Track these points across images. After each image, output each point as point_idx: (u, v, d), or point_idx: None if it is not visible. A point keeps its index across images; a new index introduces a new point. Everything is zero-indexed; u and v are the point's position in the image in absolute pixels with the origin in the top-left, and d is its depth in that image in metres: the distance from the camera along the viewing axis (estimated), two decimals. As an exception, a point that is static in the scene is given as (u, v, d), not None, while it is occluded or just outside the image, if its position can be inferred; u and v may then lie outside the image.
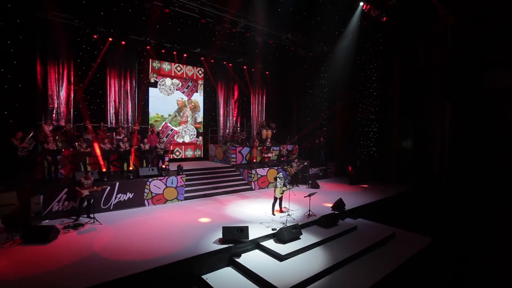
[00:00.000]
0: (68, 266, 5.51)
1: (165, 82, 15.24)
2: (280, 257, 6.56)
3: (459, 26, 13.51)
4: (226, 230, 6.78)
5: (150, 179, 9.96)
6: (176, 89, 15.58)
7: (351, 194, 12.14)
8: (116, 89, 13.38)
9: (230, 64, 16.50)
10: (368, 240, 7.84)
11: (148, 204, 9.91)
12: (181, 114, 16.30)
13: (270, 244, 7.08)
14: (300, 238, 7.47)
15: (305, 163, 13.68)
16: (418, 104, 15.42)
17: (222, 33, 12.42)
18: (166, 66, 15.30)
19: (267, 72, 18.27)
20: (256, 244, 7.13)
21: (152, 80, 15.11)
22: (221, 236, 6.85)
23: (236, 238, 6.70)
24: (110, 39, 11.97)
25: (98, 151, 9.50)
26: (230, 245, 6.61)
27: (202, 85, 16.62)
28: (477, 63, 13.73)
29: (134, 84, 13.86)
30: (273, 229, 7.58)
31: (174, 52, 14.36)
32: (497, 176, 12.38)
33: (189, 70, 16.23)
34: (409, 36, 15.30)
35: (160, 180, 10.18)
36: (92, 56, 12.54)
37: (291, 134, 17.10)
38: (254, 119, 18.51)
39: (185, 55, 14.67)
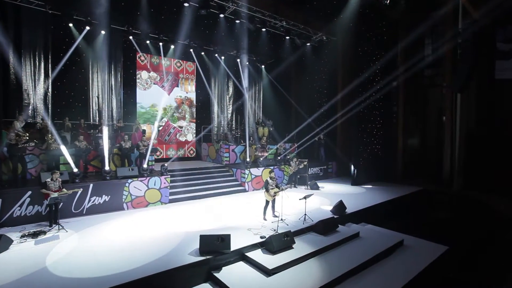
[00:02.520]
0: (6, 286, 4.55)
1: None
2: (267, 271, 5.54)
3: (470, 11, 12.38)
4: (204, 239, 5.78)
5: (129, 180, 9.01)
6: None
7: (353, 196, 11.08)
8: (99, 84, 12.47)
9: (222, 57, 15.51)
10: (373, 249, 6.78)
11: (127, 208, 8.95)
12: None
13: (257, 255, 6.07)
14: (292, 248, 6.44)
15: (305, 163, 12.66)
16: (425, 98, 14.31)
17: (209, 20, 11.42)
18: (154, 60, 14.37)
19: (262, 66, 17.26)
20: (241, 255, 6.11)
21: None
22: (200, 246, 5.86)
23: (215, 248, 5.70)
24: (88, 27, 11.03)
25: (65, 150, 8.51)
26: (208, 257, 5.61)
27: (194, 80, 15.60)
28: (490, 52, 12.60)
29: (120, 79, 12.93)
30: (261, 237, 6.57)
31: (160, 43, 13.38)
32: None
33: (177, 64, 15.32)
34: (416, 25, 14.18)
35: (141, 181, 9.23)
36: (71, 48, 11.62)
37: (289, 132, 16.05)
38: (250, 116, 17.50)
39: (172, 46, 13.70)
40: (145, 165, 9.54)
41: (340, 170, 15.58)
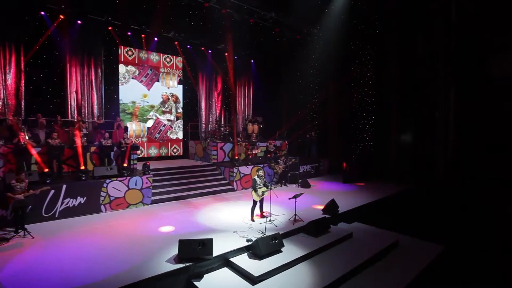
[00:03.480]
0: None
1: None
2: (252, 279, 5.05)
3: (465, 4, 12.10)
4: (183, 244, 5.24)
5: (107, 180, 8.38)
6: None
7: (345, 194, 10.68)
8: (78, 78, 11.72)
9: (210, 51, 14.90)
10: (367, 250, 6.36)
11: (106, 210, 8.33)
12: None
13: (242, 260, 5.57)
14: (281, 251, 5.96)
15: (293, 160, 12.21)
16: (418, 94, 13.98)
17: (194, 10, 10.81)
18: (136, 54, 13.67)
19: (251, 61, 16.72)
20: (225, 261, 5.60)
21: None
22: (179, 252, 5.32)
23: (196, 254, 5.17)
24: (62, 16, 10.29)
25: (31, 148, 7.84)
26: (188, 264, 5.08)
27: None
28: (484, 46, 12.33)
29: (100, 73, 12.21)
30: (247, 240, 6.07)
31: (143, 35, 12.69)
32: (509, 170, 10.99)
33: (167, 60, 14.69)
34: (408, 18, 13.85)
35: (120, 181, 8.61)
36: (44, 39, 10.88)
37: (280, 129, 15.59)
38: (239, 113, 16.97)
39: (155, 39, 13.02)
40: (125, 164, 8.90)
41: (331, 167, 15.19)
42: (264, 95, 16.97)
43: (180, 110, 15.29)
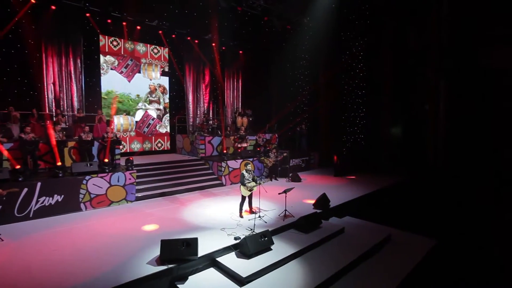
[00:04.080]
0: None
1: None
2: (240, 280, 4.75)
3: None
4: (165, 245, 4.88)
5: (87, 177, 7.89)
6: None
7: (336, 188, 10.49)
8: (56, 69, 11.04)
9: (196, 41, 14.33)
10: (359, 246, 6.16)
11: (86, 208, 7.86)
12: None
13: (230, 260, 5.26)
14: (271, 249, 5.69)
15: (285, 154, 11.92)
16: (410, 86, 13.86)
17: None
18: (122, 44, 13.01)
19: (240, 52, 16.23)
20: (212, 261, 5.29)
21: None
22: (162, 253, 4.96)
23: (179, 255, 4.82)
24: (33, 0, 9.57)
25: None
26: (171, 266, 4.73)
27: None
28: (475, 39, 12.23)
29: (80, 64, 11.54)
30: (235, 238, 5.76)
31: (124, 23, 12.01)
32: (499, 163, 11.02)
33: (154, 51, 14.09)
34: (400, 9, 13.62)
35: (101, 177, 8.13)
36: (20, 28, 10.16)
37: (270, 122, 15.25)
38: (228, 106, 16.53)
39: (138, 27, 12.36)
40: (106, 160, 8.42)
41: (322, 160, 15.00)
42: (253, 88, 16.55)
43: (167, 101, 14.75)
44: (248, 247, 5.30)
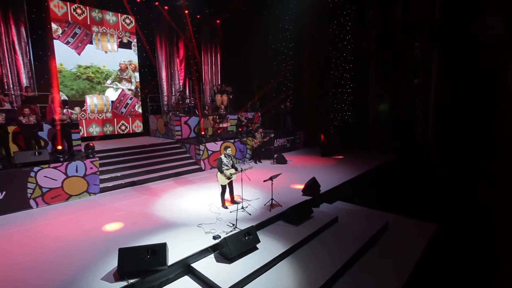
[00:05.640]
0: None
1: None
2: (221, 292, 3.89)
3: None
4: (125, 255, 3.89)
5: (35, 168, 6.62)
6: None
7: (325, 169, 9.76)
8: (-5, 39, 9.24)
9: (166, 7, 12.64)
10: (357, 238, 5.45)
11: (37, 205, 6.65)
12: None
13: (208, 265, 4.37)
14: (257, 248, 4.84)
15: (272, 135, 10.99)
16: (398, 60, 13.00)
17: None
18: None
19: (217, 21, 14.66)
20: (186, 267, 4.38)
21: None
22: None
23: (143, 267, 3.86)
24: None
25: None
26: (131, 281, 3.78)
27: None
28: (469, 9, 11.38)
29: (25, 33, 9.74)
30: (214, 237, 4.85)
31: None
32: (491, 138, 10.61)
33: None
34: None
35: (55, 168, 6.87)
36: None
37: (252, 100, 14.13)
38: (206, 83, 15.15)
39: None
40: (59, 147, 7.11)
41: (308, 140, 14.24)
42: (233, 62, 15.19)
43: (139, 80, 13.20)
44: (229, 249, 4.41)
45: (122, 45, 12.58)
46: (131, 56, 12.90)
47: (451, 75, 11.39)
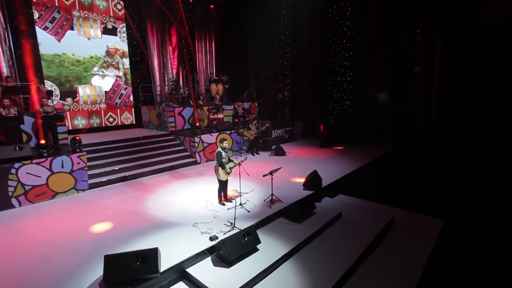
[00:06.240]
0: None
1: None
2: (219, 302, 3.53)
3: None
4: (111, 262, 3.49)
5: (16, 165, 6.12)
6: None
7: (325, 162, 9.39)
8: (-30, 25, 8.55)
9: (156, -9, 11.96)
10: (363, 235, 5.12)
11: (20, 204, 6.20)
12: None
13: (204, 270, 4.00)
14: (258, 249, 4.48)
15: (267, 125, 10.57)
16: (399, 47, 12.51)
17: None
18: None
19: (211, 6, 13.96)
20: (181, 273, 4.00)
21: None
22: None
23: (132, 275, 3.47)
24: None
25: None
26: (120, 291, 3.40)
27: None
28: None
29: (3, 19, 9.03)
30: (211, 238, 4.47)
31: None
32: (494, 127, 10.29)
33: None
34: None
35: (38, 164, 6.39)
36: None
37: (248, 89, 13.61)
38: (200, 72, 14.55)
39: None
40: (42, 141, 6.61)
41: (306, 130, 13.84)
42: (228, 50, 14.57)
43: (128, 66, 12.54)
44: (227, 252, 4.04)
45: (106, 31, 11.78)
46: (117, 43, 12.17)
47: (455, 62, 10.97)
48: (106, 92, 11.95)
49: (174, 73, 13.61)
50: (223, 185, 5.87)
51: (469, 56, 10.78)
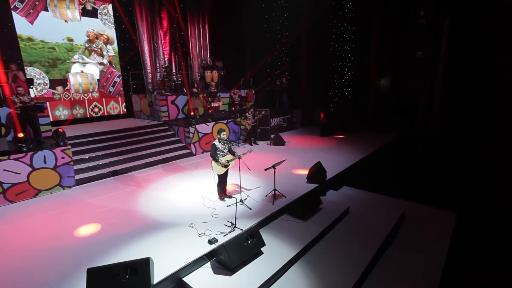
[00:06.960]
0: None
1: None
2: (221, 317, 3.11)
3: None
4: (95, 277, 3.01)
5: (-8, 161, 5.55)
6: None
7: (327, 151, 8.96)
8: None
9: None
10: (375, 232, 4.72)
11: (-2, 203, 5.66)
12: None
13: (203, 278, 3.56)
14: (262, 253, 4.05)
15: (263, 112, 10.06)
16: (400, 32, 11.91)
17: None
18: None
19: (204, -13, 13.15)
20: (177, 282, 3.56)
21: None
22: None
23: (121, 291, 3.02)
24: None
25: None
26: (107, 309, 2.94)
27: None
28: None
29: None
30: (210, 241, 4.02)
31: None
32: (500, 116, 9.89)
33: None
34: None
35: (17, 159, 5.82)
36: None
37: (245, 76, 12.98)
38: (194, 58, 13.81)
39: None
40: (20, 134, 6.01)
41: (306, 119, 13.34)
42: (223, 35, 13.81)
43: (113, 53, 11.72)
44: (228, 257, 3.60)
45: (85, 13, 10.75)
46: (98, 26, 11.24)
47: (463, 47, 10.44)
48: (98, 80, 11.20)
49: (166, 59, 12.87)
50: (221, 179, 5.39)
51: (479, 41, 10.26)
